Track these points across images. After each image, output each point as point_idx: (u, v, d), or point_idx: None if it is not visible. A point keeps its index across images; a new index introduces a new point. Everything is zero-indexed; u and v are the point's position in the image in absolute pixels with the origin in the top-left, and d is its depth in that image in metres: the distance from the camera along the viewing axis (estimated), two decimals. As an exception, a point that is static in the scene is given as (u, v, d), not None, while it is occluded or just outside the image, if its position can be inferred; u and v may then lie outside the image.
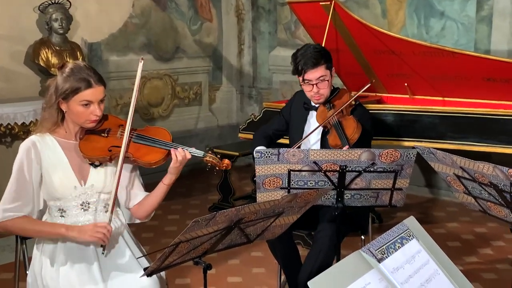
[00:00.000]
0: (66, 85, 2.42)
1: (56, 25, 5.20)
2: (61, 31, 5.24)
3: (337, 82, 5.40)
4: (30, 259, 2.59)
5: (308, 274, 3.09)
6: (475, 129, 4.16)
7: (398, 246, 1.79)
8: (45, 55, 5.22)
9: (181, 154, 2.52)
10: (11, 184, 2.43)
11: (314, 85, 3.27)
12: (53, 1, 5.25)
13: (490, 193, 2.31)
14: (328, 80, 3.30)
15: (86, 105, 2.43)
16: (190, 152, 2.55)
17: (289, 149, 2.68)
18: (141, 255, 2.56)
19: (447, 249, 4.42)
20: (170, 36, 6.61)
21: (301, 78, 3.31)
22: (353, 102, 3.35)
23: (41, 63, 5.21)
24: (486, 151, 4.15)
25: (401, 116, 4.38)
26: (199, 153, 2.57)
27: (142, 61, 2.61)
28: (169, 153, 2.53)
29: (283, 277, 3.51)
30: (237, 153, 5.14)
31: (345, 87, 4.40)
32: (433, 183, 5.88)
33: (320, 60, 3.26)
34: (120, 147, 2.48)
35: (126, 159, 2.55)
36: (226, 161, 2.60)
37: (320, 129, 3.33)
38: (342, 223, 2.95)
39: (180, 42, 6.71)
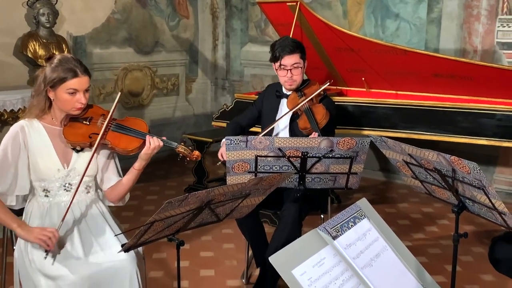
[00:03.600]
0: (54, 74, 2.41)
1: (43, 19, 5.14)
2: (47, 25, 5.17)
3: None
4: (16, 236, 2.56)
5: (274, 250, 3.10)
6: (424, 120, 4.20)
7: (351, 225, 1.81)
8: (32, 47, 5.14)
9: (154, 142, 2.52)
10: None
11: (289, 71, 3.30)
12: (40, -3, 5.18)
13: (435, 177, 2.35)
14: (301, 68, 3.34)
15: (72, 93, 2.42)
16: (163, 142, 2.55)
17: (256, 136, 2.68)
18: (120, 232, 2.56)
19: (397, 227, 4.53)
20: (150, 31, 6.54)
21: (277, 64, 3.34)
22: (322, 92, 3.38)
23: (29, 55, 5.14)
24: (433, 139, 4.20)
25: (359, 108, 4.41)
26: (172, 143, 2.57)
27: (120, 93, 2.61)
28: (144, 143, 2.53)
29: (250, 252, 3.54)
30: (210, 140, 5.14)
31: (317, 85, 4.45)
32: (386, 167, 5.95)
33: (296, 49, 3.31)
34: (99, 134, 2.47)
35: (105, 146, 2.54)
36: (196, 153, 2.59)
37: (290, 114, 3.34)
38: (304, 203, 2.98)
39: (159, 37, 6.66)
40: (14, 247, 2.56)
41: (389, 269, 1.78)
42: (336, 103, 4.38)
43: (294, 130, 3.35)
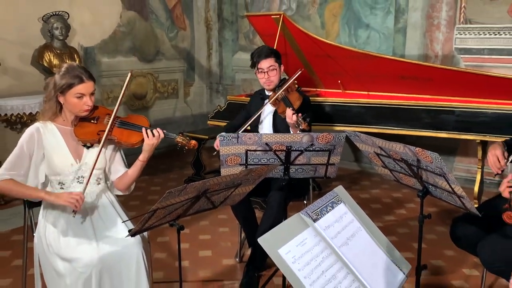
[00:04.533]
0: (62, 81, 2.40)
1: (57, 32, 5.08)
2: (61, 38, 5.11)
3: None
4: (35, 224, 2.54)
5: (263, 232, 3.09)
6: (392, 117, 4.21)
7: (329, 209, 1.81)
8: (48, 57, 5.08)
9: (155, 133, 2.51)
10: (11, 156, 2.39)
11: (266, 73, 3.32)
12: (54, 13, 5.12)
13: (402, 166, 2.35)
14: (276, 69, 3.34)
15: (79, 97, 2.41)
16: (164, 132, 2.53)
17: (246, 133, 2.68)
18: (127, 219, 2.54)
19: (371, 210, 4.54)
20: (152, 41, 6.49)
21: (256, 68, 3.35)
22: (296, 86, 3.39)
23: (45, 64, 5.07)
24: (400, 133, 4.20)
25: (335, 107, 4.40)
26: (172, 135, 2.55)
27: (130, 73, 2.58)
28: (147, 136, 2.51)
29: (243, 234, 3.53)
30: (206, 137, 5.11)
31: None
32: (360, 158, 5.96)
33: (270, 54, 3.33)
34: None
35: (111, 141, 2.52)
36: (193, 141, 2.58)
37: (273, 112, 3.33)
38: (289, 191, 2.97)
39: (159, 46, 6.60)
40: (34, 234, 2.53)
41: (363, 247, 1.78)
42: (315, 103, 4.41)
43: (276, 122, 3.36)
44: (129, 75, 2.54)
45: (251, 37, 6.79)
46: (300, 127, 2.84)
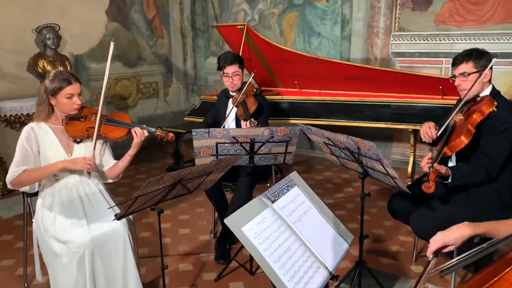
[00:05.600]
0: (53, 85, 2.36)
1: (49, 42, 4.93)
2: (53, 47, 4.96)
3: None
4: (34, 211, 2.49)
5: (232, 212, 3.09)
6: (340, 111, 4.25)
7: (285, 192, 1.81)
8: (42, 64, 4.92)
9: (139, 132, 2.49)
10: (16, 155, 2.34)
11: (230, 77, 3.28)
12: (46, 25, 4.96)
13: (346, 154, 2.40)
14: (239, 75, 3.30)
15: (69, 97, 2.38)
16: (146, 129, 2.51)
17: (216, 129, 2.66)
18: (114, 205, 2.51)
19: (324, 189, 4.60)
20: (134, 49, 6.36)
21: (222, 72, 3.31)
22: (255, 89, 3.36)
23: (39, 70, 4.92)
24: (347, 125, 4.26)
25: (292, 104, 4.42)
26: (151, 129, 2.54)
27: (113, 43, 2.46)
28: (129, 131, 2.49)
29: (216, 214, 3.54)
30: (184, 131, 5.08)
31: (252, 82, 4.29)
32: (314, 147, 6.03)
33: (235, 61, 3.27)
34: (94, 128, 2.42)
35: (99, 136, 2.48)
36: (171, 134, 2.57)
37: (235, 109, 3.33)
38: (254, 176, 3.00)
39: (141, 53, 6.48)
40: (33, 220, 2.48)
41: (314, 223, 1.79)
42: (275, 101, 4.43)
43: (238, 120, 3.34)
44: (112, 45, 2.42)
45: (221, 44, 6.74)
46: None
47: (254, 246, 1.45)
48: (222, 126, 3.31)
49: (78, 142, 2.47)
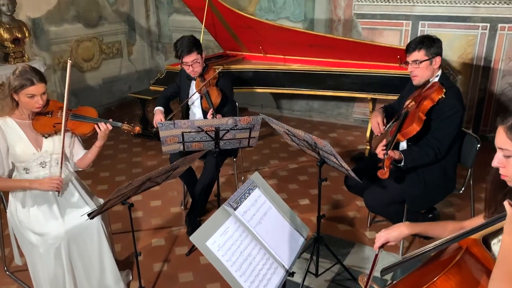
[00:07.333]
0: (15, 82, 2.34)
1: (4, 8, 4.64)
2: (8, 13, 4.68)
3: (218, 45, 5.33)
4: (7, 202, 2.55)
5: (201, 187, 3.23)
6: (303, 80, 4.32)
7: (247, 196, 1.86)
8: (-2, 32, 4.69)
9: (104, 128, 2.52)
10: None
11: (190, 66, 3.21)
12: (-2, -11, 4.65)
13: (304, 144, 2.54)
14: (199, 62, 3.21)
15: (31, 97, 2.37)
16: (111, 124, 2.54)
17: (181, 120, 2.68)
18: (87, 195, 2.59)
19: (288, 153, 4.77)
20: (94, 8, 6.06)
21: (180, 61, 3.23)
22: (217, 76, 3.30)
23: (-5, 39, 4.69)
24: (310, 93, 4.36)
25: (257, 73, 4.43)
26: (117, 124, 2.56)
27: (70, 62, 2.50)
28: (97, 126, 2.53)
29: (185, 188, 3.64)
30: (150, 97, 5.05)
31: (212, 63, 4.06)
32: (280, 106, 6.10)
33: (192, 48, 3.16)
34: (61, 123, 2.44)
35: (67, 131, 2.51)
36: (137, 128, 2.62)
37: (198, 95, 3.32)
38: (220, 155, 3.03)
39: (102, 12, 6.19)
40: (6, 210, 2.55)
41: (273, 223, 1.87)
42: (241, 70, 4.45)
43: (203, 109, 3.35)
44: (69, 63, 2.46)
45: (184, -1, 6.51)
46: None
47: (218, 259, 1.59)
48: (186, 103, 3.34)
49: (46, 137, 2.49)
